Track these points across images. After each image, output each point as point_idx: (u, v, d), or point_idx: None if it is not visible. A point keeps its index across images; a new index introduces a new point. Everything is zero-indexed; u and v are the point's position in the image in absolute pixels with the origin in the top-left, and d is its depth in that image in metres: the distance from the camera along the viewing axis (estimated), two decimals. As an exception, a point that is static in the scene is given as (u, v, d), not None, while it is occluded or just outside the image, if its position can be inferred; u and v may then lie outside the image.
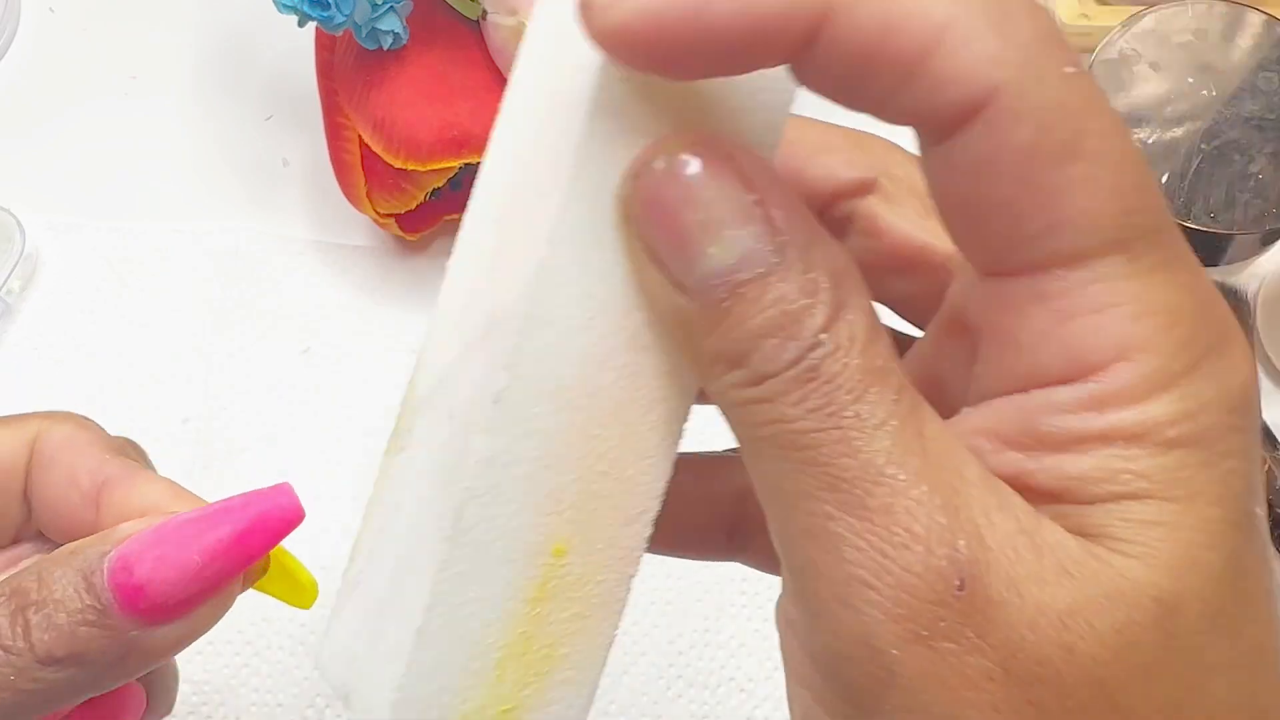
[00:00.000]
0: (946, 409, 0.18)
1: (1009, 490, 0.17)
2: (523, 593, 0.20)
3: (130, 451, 0.29)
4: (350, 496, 0.47)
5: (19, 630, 0.23)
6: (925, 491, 0.16)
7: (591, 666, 0.21)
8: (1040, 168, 0.16)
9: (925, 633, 0.16)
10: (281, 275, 0.52)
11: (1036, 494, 0.17)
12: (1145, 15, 0.46)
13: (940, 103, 0.16)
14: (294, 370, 0.50)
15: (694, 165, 0.18)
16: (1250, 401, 0.17)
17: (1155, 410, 0.16)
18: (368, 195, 0.48)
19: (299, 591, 0.27)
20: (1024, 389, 0.17)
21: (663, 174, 0.18)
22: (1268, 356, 0.49)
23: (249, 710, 0.44)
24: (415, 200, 0.48)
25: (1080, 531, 0.17)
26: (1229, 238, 0.43)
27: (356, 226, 0.52)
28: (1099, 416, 0.17)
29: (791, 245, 0.17)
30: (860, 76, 0.17)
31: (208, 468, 0.48)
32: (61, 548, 0.25)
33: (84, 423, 0.29)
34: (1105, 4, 0.55)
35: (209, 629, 0.25)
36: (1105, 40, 0.46)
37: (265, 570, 0.26)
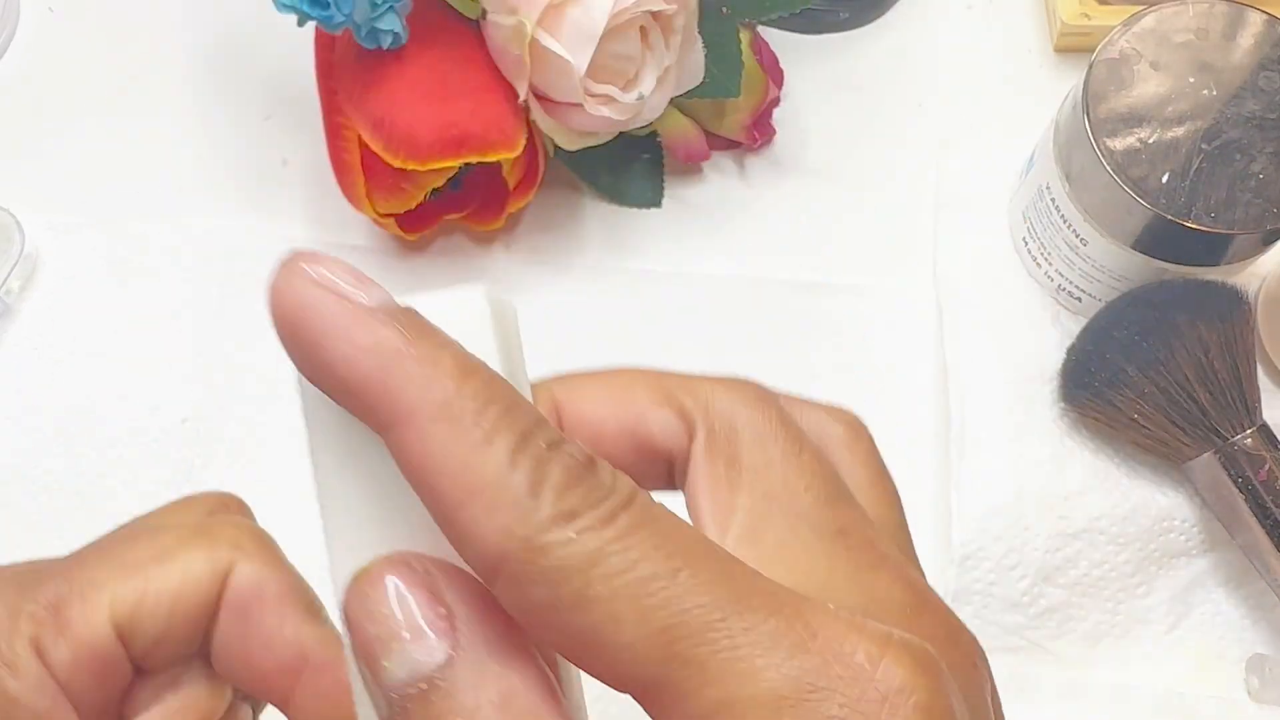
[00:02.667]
0: None
1: None
2: None
3: (318, 608, 0.28)
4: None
5: None
6: None
7: None
8: None
9: None
10: (281, 275, 0.52)
11: None
12: (1145, 15, 0.46)
13: None
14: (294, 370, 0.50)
15: (388, 583, 0.19)
16: None
17: None
18: (367, 195, 0.48)
19: None
20: None
21: (355, 593, 0.19)
22: (1268, 356, 0.49)
23: (249, 710, 0.44)
24: (415, 200, 0.48)
25: None
26: (1229, 238, 0.43)
27: (356, 226, 0.52)
28: None
29: (463, 661, 0.18)
30: None
31: (207, 467, 0.48)
32: None
33: (272, 556, 0.28)
34: (1105, 4, 0.55)
35: None
36: (1105, 40, 0.46)
37: None
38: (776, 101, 0.53)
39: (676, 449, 0.23)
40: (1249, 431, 0.43)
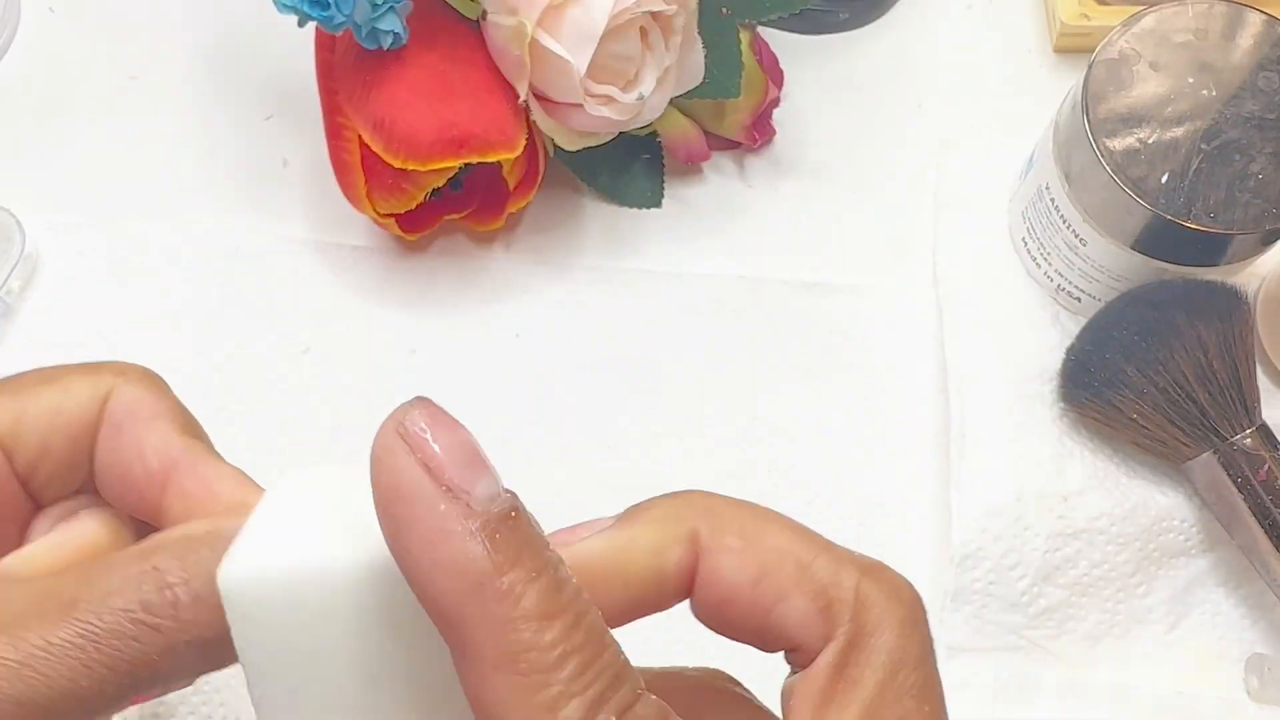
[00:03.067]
0: None
1: None
2: None
3: (195, 428, 0.28)
4: (350, 496, 0.47)
5: (168, 611, 0.22)
6: None
7: None
8: None
9: None
10: (281, 275, 0.52)
11: None
12: (1145, 15, 0.46)
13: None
14: (294, 370, 0.50)
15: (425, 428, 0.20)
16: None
17: None
18: (368, 195, 0.48)
19: None
20: None
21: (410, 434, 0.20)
22: (1268, 356, 0.49)
23: (249, 710, 0.44)
24: (415, 200, 0.48)
25: None
26: (1229, 238, 0.43)
27: (356, 226, 0.52)
28: None
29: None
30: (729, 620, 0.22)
31: (208, 468, 0.48)
32: (193, 525, 0.24)
33: (155, 384, 0.28)
34: (1105, 4, 0.55)
35: None
36: (1105, 40, 0.46)
37: None
38: (776, 101, 0.53)
39: (804, 645, 0.22)
40: (1248, 431, 0.43)
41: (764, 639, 0.22)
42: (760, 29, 0.53)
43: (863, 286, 0.52)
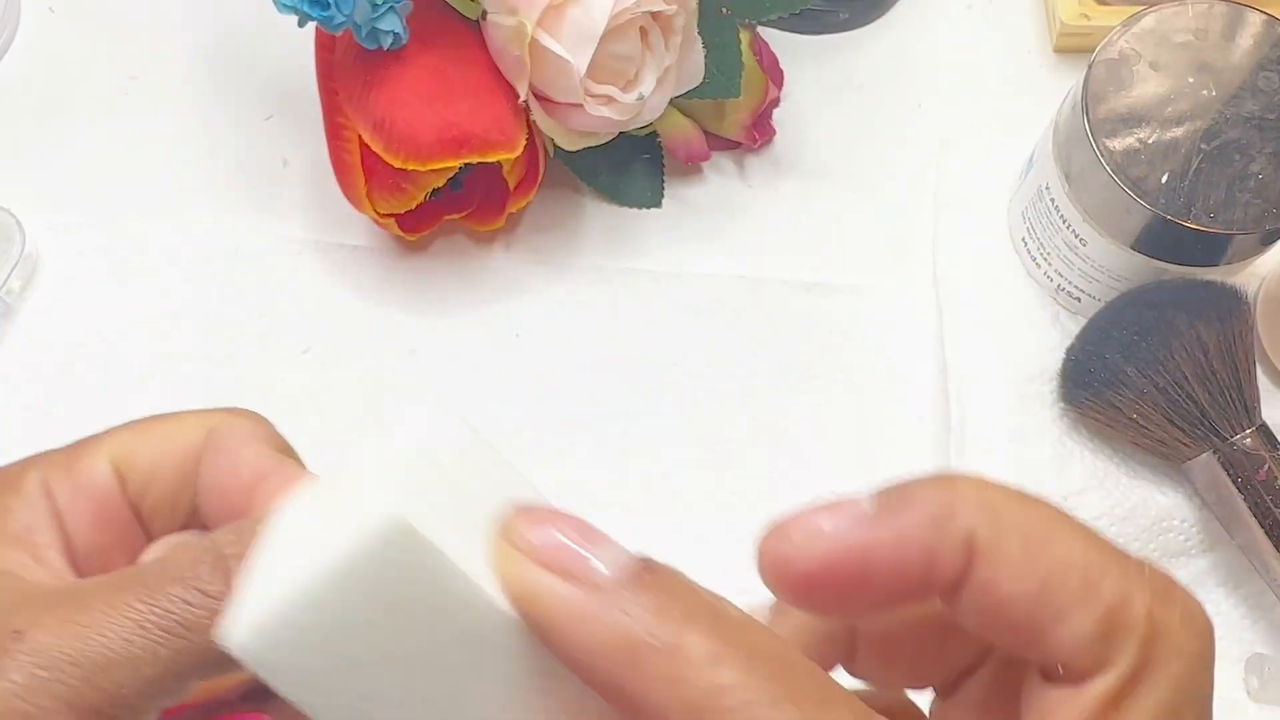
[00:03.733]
0: None
1: None
2: None
3: (291, 451, 0.29)
4: (350, 496, 0.47)
5: (220, 577, 0.23)
6: None
7: None
8: None
9: None
10: (281, 275, 0.52)
11: None
12: (1145, 15, 0.46)
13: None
14: (294, 370, 0.50)
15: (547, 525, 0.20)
16: None
17: None
18: (368, 195, 0.48)
19: None
20: None
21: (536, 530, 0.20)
22: (1268, 356, 0.49)
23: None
24: (415, 200, 0.48)
25: None
26: (1229, 238, 0.43)
27: (356, 226, 0.52)
28: None
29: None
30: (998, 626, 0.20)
31: (208, 468, 0.48)
32: (258, 514, 0.25)
33: (258, 419, 0.30)
34: (1105, 4, 0.55)
35: None
36: (1105, 40, 0.46)
37: None
38: (776, 101, 0.53)
39: (1076, 666, 0.19)
40: (1248, 431, 0.43)
41: (1029, 651, 0.20)
42: (760, 29, 0.53)
43: (863, 286, 0.52)
